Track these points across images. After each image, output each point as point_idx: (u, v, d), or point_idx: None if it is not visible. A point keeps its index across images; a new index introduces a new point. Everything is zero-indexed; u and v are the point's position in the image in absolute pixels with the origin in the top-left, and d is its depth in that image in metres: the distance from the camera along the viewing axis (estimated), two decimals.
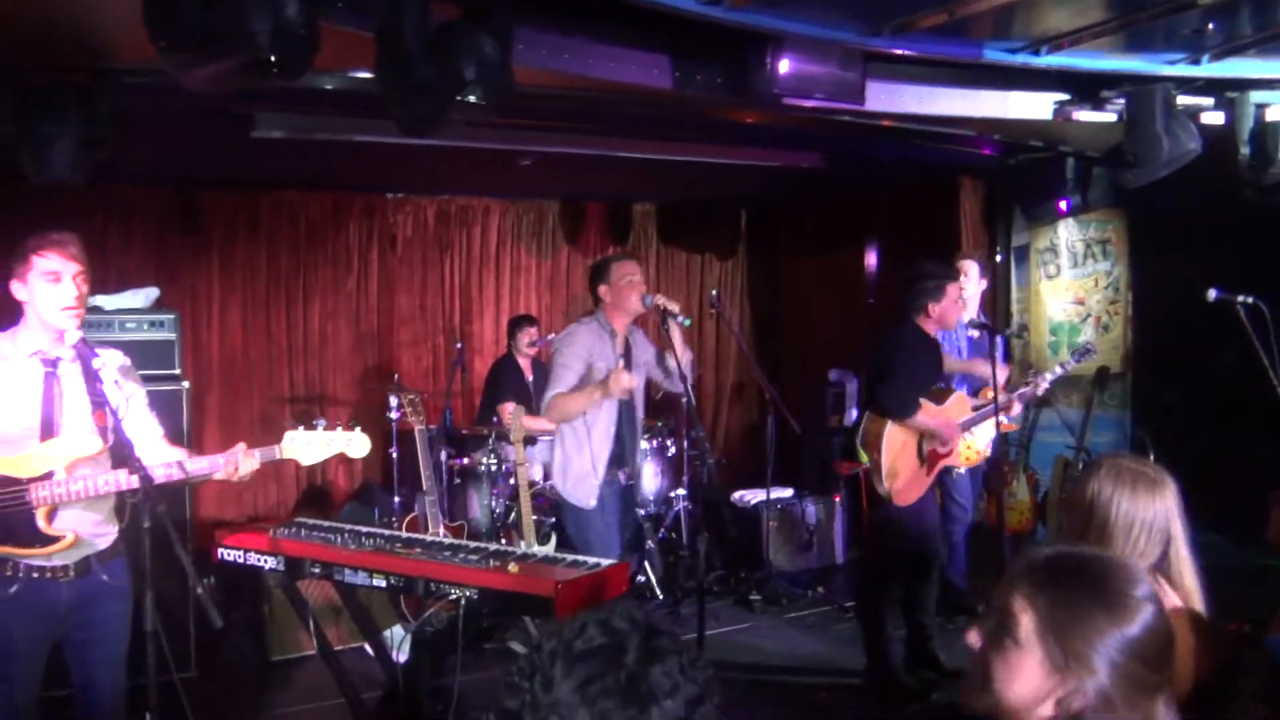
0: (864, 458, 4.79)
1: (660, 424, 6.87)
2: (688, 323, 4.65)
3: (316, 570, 3.65)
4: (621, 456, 4.82)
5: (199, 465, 3.16)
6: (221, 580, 5.02)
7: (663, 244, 9.36)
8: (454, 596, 3.33)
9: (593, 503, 4.70)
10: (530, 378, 7.14)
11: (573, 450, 4.75)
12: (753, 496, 7.00)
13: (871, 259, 8.21)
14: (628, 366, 4.72)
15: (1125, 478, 2.34)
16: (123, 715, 3.19)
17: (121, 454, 3.01)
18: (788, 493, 7.04)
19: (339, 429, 3.41)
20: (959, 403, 4.96)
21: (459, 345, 6.95)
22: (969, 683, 1.58)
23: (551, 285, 8.98)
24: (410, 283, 8.45)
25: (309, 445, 3.35)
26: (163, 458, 3.16)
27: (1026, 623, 1.50)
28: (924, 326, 4.89)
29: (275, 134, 5.29)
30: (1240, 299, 4.79)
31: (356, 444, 3.43)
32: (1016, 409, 5.10)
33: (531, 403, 6.70)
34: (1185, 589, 2.32)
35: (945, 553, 5.11)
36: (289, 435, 3.34)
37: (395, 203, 8.31)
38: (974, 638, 1.58)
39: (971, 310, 5.69)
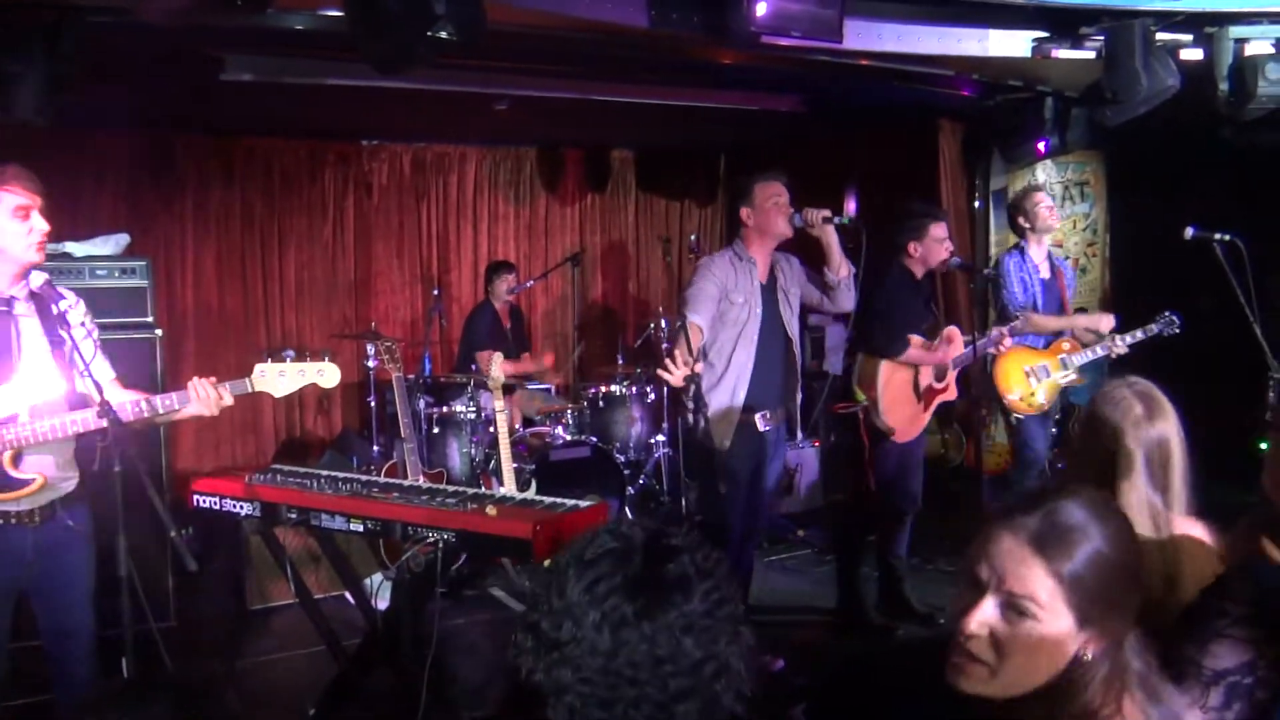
0: (860, 397, 4.78)
1: (639, 370, 6.84)
2: (846, 220, 4.33)
3: (293, 515, 3.60)
4: (761, 397, 4.42)
5: (167, 401, 3.11)
6: (199, 530, 4.99)
7: (641, 191, 9.28)
8: (431, 539, 3.30)
9: (726, 443, 4.32)
10: (508, 325, 7.10)
11: (709, 387, 4.33)
12: None
13: (851, 204, 8.16)
14: (770, 298, 4.42)
15: (1134, 400, 2.32)
16: (95, 658, 3.16)
17: (86, 396, 2.97)
18: None
19: (308, 359, 3.33)
20: (956, 337, 4.93)
21: (436, 293, 6.90)
22: (966, 672, 1.48)
23: (530, 233, 8.89)
24: (387, 231, 8.35)
25: (280, 377, 3.27)
26: (123, 399, 3.10)
27: (1049, 593, 1.43)
28: (908, 266, 4.86)
29: (245, 77, 5.18)
30: (1217, 237, 4.80)
31: (328, 374, 3.34)
32: (1008, 342, 5.04)
33: (510, 350, 6.66)
34: (1183, 513, 2.30)
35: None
36: (259, 368, 3.27)
37: (371, 150, 8.19)
38: (976, 625, 1.46)
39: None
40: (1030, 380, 5.18)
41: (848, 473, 5.24)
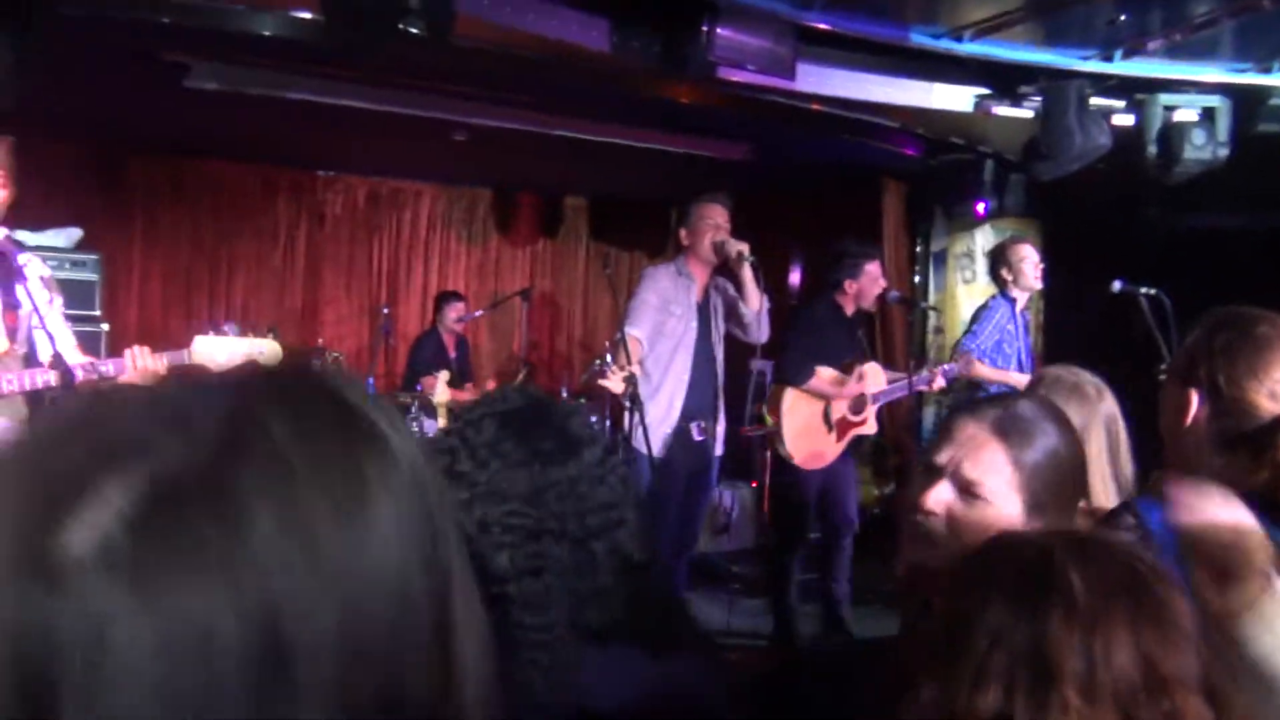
0: (768, 421, 4.92)
1: (582, 401, 6.91)
2: (751, 259, 4.51)
3: None
4: (696, 408, 4.57)
5: (105, 366, 3.14)
6: None
7: (593, 240, 9.45)
8: None
9: (665, 452, 4.44)
10: (454, 354, 7.16)
11: (646, 397, 4.42)
12: None
13: (795, 258, 8.38)
14: (704, 317, 4.62)
15: (1064, 389, 2.42)
16: None
17: (34, 354, 3.00)
18: None
19: (250, 335, 3.36)
20: (872, 374, 5.09)
21: (385, 311, 6.95)
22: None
23: (480, 273, 9.01)
24: (337, 262, 8.42)
25: (219, 350, 3.31)
26: (75, 360, 3.14)
27: (1005, 478, 1.54)
28: (840, 302, 5.05)
29: (210, 85, 5.27)
30: (1143, 291, 5.04)
31: (269, 352, 3.39)
32: (940, 382, 5.12)
33: (454, 379, 6.72)
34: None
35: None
36: (199, 339, 3.30)
37: (326, 181, 8.29)
38: (933, 503, 1.54)
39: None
40: None
41: (780, 509, 5.34)
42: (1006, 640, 0.92)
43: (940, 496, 1.53)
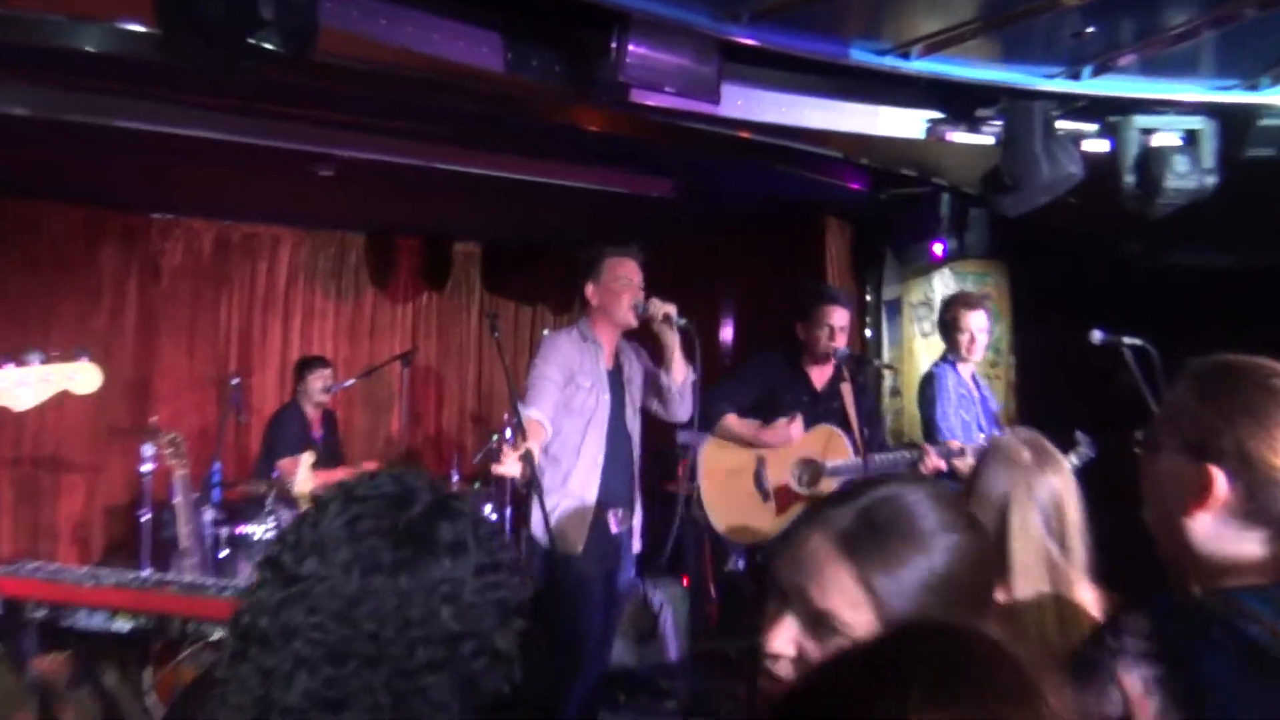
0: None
1: (477, 486, 6.86)
2: (682, 322, 4.51)
3: (41, 613, 3.49)
4: (612, 494, 4.55)
5: None
6: None
7: (488, 291, 9.43)
8: (217, 638, 3.25)
9: (580, 548, 4.42)
10: (319, 433, 7.04)
11: (554, 486, 4.42)
12: None
13: (727, 310, 8.46)
14: (616, 387, 4.59)
15: (999, 457, 2.49)
16: None
17: None
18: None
19: (57, 361, 3.21)
20: (823, 436, 5.10)
21: (235, 381, 6.82)
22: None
23: (352, 334, 8.94)
24: (176, 323, 8.29)
25: (22, 385, 3.15)
26: None
27: (857, 606, 1.35)
28: (794, 352, 5.13)
29: (18, 111, 5.16)
30: (1127, 341, 5.17)
31: (84, 376, 3.25)
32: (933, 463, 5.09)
33: (320, 463, 6.60)
34: (1083, 575, 2.44)
35: None
36: None
37: (163, 225, 8.18)
38: (780, 644, 1.37)
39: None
40: None
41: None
42: None
43: (788, 634, 1.39)
